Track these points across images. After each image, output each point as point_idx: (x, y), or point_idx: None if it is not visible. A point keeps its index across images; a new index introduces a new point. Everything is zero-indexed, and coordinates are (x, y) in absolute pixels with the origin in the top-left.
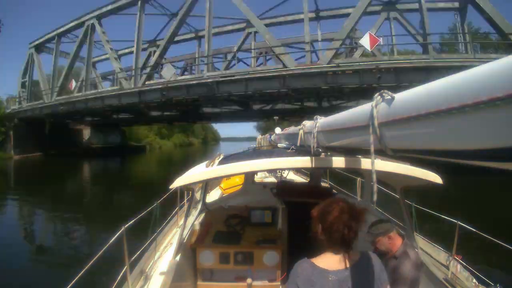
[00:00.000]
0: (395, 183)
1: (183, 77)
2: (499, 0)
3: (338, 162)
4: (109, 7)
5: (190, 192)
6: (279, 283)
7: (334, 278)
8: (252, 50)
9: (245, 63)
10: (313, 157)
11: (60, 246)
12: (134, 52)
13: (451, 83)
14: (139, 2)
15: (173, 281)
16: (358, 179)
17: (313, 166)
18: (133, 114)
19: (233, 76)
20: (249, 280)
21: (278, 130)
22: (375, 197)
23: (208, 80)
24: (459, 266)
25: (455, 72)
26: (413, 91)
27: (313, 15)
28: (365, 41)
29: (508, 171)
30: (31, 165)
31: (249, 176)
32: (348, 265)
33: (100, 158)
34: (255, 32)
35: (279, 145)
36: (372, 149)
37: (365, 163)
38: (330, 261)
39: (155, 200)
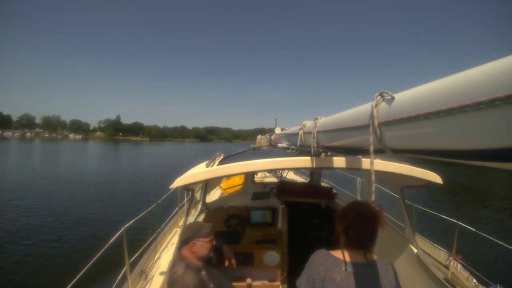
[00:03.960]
0: (395, 183)
1: None
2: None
3: (338, 162)
4: None
5: (190, 192)
6: (279, 283)
7: (349, 270)
8: None
9: None
10: (313, 157)
11: None
12: None
13: (451, 83)
14: None
15: None
16: (358, 179)
17: (313, 166)
18: None
19: None
20: (249, 280)
21: (278, 130)
22: (373, 197)
23: None
24: (459, 266)
25: None
26: (413, 91)
27: None
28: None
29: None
30: None
31: (249, 176)
32: (361, 261)
33: None
34: None
35: (279, 145)
36: (372, 149)
37: (365, 163)
38: (346, 255)
39: (155, 200)
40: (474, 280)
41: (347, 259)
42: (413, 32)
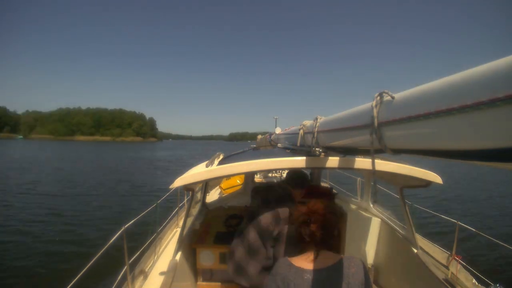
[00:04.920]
0: (395, 183)
1: None
2: None
3: (338, 162)
4: None
5: (190, 192)
6: None
7: (309, 277)
8: None
9: None
10: (313, 157)
11: None
12: None
13: (451, 83)
14: None
15: (173, 281)
16: (358, 179)
17: (313, 166)
18: None
19: None
20: None
21: (278, 130)
22: (375, 197)
23: None
24: (459, 266)
25: None
26: (413, 91)
27: None
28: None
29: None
30: None
31: (249, 176)
32: (324, 266)
33: None
34: None
35: (279, 145)
36: (372, 149)
37: (365, 163)
38: (307, 261)
39: (155, 200)
40: (474, 280)
41: (308, 266)
42: (414, 31)
